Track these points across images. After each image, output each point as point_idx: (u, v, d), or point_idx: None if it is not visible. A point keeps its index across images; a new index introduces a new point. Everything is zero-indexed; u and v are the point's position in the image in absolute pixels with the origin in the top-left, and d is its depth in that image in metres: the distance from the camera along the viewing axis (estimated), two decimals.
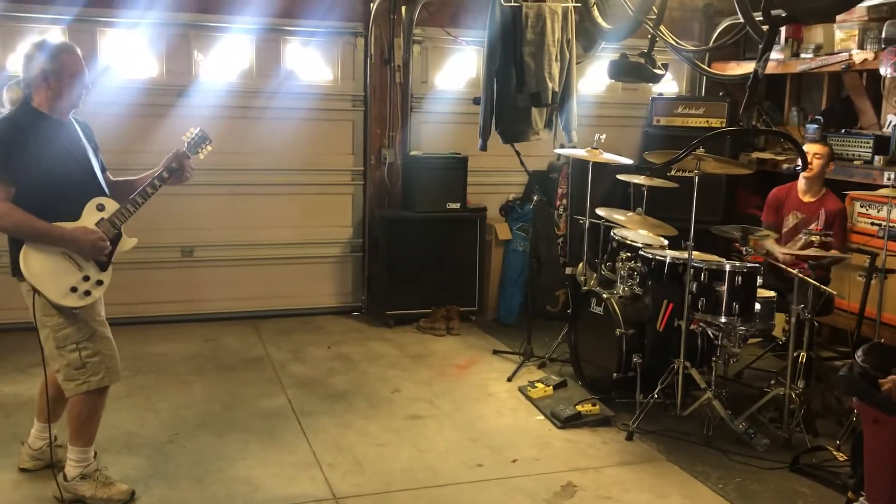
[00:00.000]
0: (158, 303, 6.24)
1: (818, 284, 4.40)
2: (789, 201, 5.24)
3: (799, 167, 4.58)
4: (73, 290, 3.30)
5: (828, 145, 5.25)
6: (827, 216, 5.05)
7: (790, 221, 5.19)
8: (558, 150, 5.71)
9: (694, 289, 4.45)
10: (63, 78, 3.29)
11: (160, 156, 3.68)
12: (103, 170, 3.60)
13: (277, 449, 4.17)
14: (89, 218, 3.36)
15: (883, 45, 5.42)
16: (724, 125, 6.37)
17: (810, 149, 5.12)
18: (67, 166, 3.34)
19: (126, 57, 5.90)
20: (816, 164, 5.08)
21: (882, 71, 5.36)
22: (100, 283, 3.40)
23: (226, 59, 6.13)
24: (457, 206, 6.44)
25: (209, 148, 3.69)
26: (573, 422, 4.54)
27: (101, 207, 3.40)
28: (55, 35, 5.60)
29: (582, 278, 5.52)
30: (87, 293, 3.34)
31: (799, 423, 4.33)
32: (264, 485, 3.79)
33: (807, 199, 5.17)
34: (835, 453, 4.16)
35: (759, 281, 4.53)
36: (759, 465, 4.11)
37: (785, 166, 6.25)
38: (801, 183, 5.20)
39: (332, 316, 6.63)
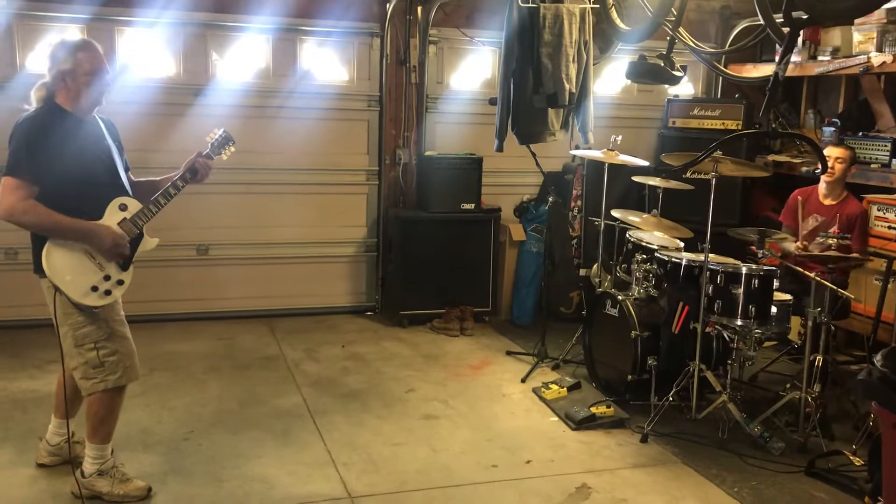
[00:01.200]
0: (174, 301, 6.28)
1: (835, 288, 4.38)
2: (809, 204, 5.21)
3: (819, 171, 4.55)
4: (94, 289, 3.33)
5: (850, 148, 5.21)
6: (847, 219, 5.02)
7: (809, 224, 5.16)
8: (574, 152, 5.71)
9: (710, 291, 4.44)
10: (79, 77, 3.30)
11: (177, 154, 3.71)
12: (126, 169, 3.62)
13: (292, 447, 4.19)
14: (112, 217, 3.38)
15: None
16: (740, 127, 6.35)
17: (831, 153, 5.09)
18: (91, 165, 3.36)
19: (144, 56, 5.94)
20: (838, 168, 5.06)
21: None
22: (120, 282, 3.42)
23: (242, 58, 6.16)
24: (471, 206, 6.45)
25: (232, 149, 3.71)
26: (587, 423, 4.53)
27: (123, 207, 3.41)
28: (74, 33, 5.65)
29: (596, 280, 5.51)
30: (108, 293, 3.36)
31: (815, 426, 4.31)
32: (279, 483, 3.81)
33: (827, 202, 5.15)
34: (851, 458, 4.14)
35: (776, 284, 4.51)
36: (775, 469, 4.10)
37: (804, 169, 6.22)
38: (821, 186, 5.18)
39: (347, 315, 6.65)
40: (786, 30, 3.26)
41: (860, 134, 5.90)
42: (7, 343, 5.58)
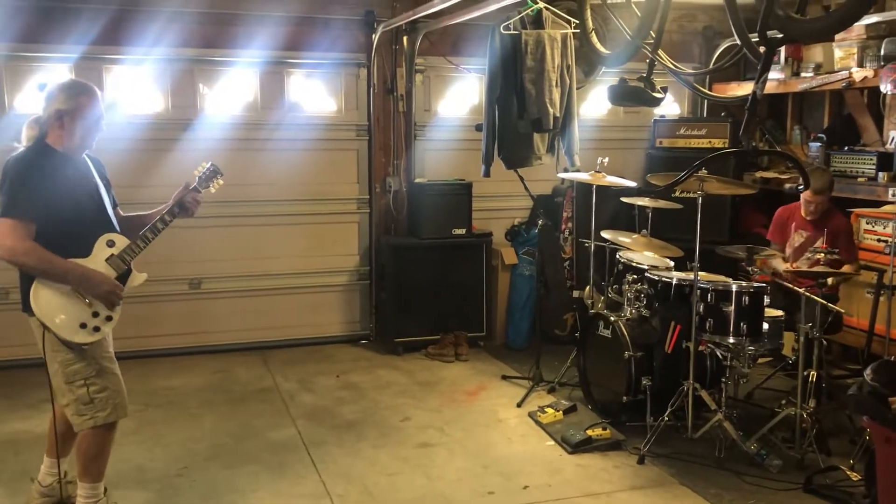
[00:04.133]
0: (167, 335, 6.27)
1: (825, 303, 4.39)
2: (795, 220, 5.23)
3: (801, 187, 4.58)
4: (83, 326, 3.32)
5: (823, 176, 5.06)
6: (833, 233, 5.04)
7: (796, 240, 5.18)
8: (562, 175, 5.74)
9: (701, 310, 4.45)
10: (77, 119, 3.33)
11: (167, 189, 3.72)
12: (114, 205, 3.63)
13: (288, 480, 4.16)
14: (100, 254, 3.38)
15: (882, 63, 5.44)
16: (726, 145, 6.40)
17: (806, 197, 5.05)
18: (79, 203, 3.36)
19: (132, 93, 5.98)
20: (818, 207, 5.03)
21: (882, 88, 5.38)
22: (109, 318, 3.41)
23: (230, 92, 6.21)
24: (462, 231, 6.47)
25: (220, 181, 3.72)
26: (584, 446, 4.52)
27: (111, 243, 3.42)
28: (63, 73, 5.68)
29: (589, 301, 5.52)
30: (97, 329, 3.36)
31: (811, 442, 4.30)
32: None
33: (811, 217, 5.17)
34: (848, 473, 4.12)
35: (767, 300, 4.52)
36: (773, 487, 4.08)
37: (787, 186, 6.26)
38: (804, 202, 5.20)
39: (341, 344, 6.64)
40: (762, 49, 3.30)
41: (846, 148, 5.93)
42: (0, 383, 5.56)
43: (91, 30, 5.64)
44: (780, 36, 3.12)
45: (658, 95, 4.44)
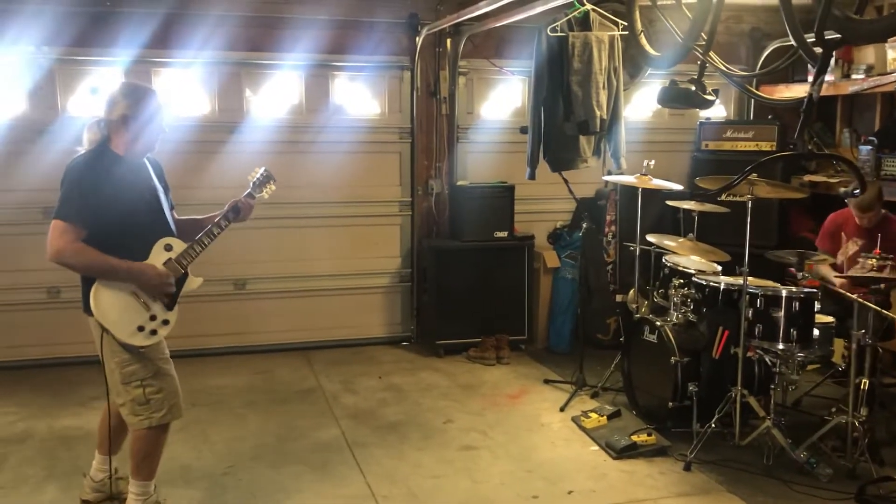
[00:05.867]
0: (212, 335, 6.34)
1: (879, 309, 4.29)
2: (847, 228, 5.12)
3: (857, 190, 4.49)
4: (140, 329, 3.36)
5: (871, 195, 4.91)
6: (889, 239, 4.92)
7: (850, 249, 5.07)
8: (607, 177, 5.69)
9: (750, 315, 4.38)
10: (141, 123, 3.37)
11: (213, 191, 3.77)
12: (171, 208, 3.67)
13: (332, 481, 4.19)
14: (158, 258, 3.41)
15: None
16: (773, 148, 6.30)
17: (859, 215, 4.98)
18: (138, 208, 3.40)
19: (180, 95, 6.06)
20: (871, 222, 4.95)
21: None
22: (166, 322, 3.45)
23: (276, 95, 6.27)
24: (504, 234, 6.45)
25: (273, 187, 3.77)
26: (629, 452, 4.47)
27: (168, 247, 3.45)
28: (114, 76, 5.79)
29: (633, 306, 5.47)
30: (154, 332, 3.40)
31: (863, 452, 4.20)
32: None
33: (864, 223, 5.05)
34: None
35: (817, 306, 4.43)
36: (823, 497, 4.00)
37: (841, 190, 6.12)
38: (856, 216, 5.07)
39: (383, 346, 6.67)
40: (818, 50, 3.24)
41: None
42: (50, 381, 5.67)
43: (140, 34, 5.73)
44: (838, 37, 3.05)
45: (710, 98, 4.39)
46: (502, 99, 6.73)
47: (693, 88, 4.40)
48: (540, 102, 5.09)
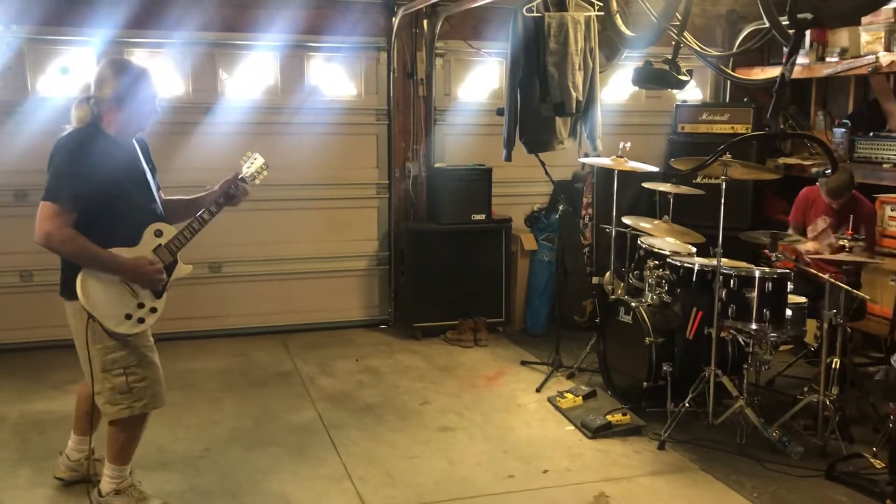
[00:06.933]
0: (188, 318, 6.27)
1: (850, 289, 4.35)
2: (818, 204, 5.17)
3: (829, 171, 4.53)
4: (128, 317, 3.31)
5: (841, 181, 4.93)
6: (857, 219, 4.97)
7: (819, 225, 5.13)
8: (583, 160, 5.70)
9: (723, 296, 4.42)
10: (136, 102, 3.29)
11: (188, 173, 3.73)
12: (158, 189, 3.59)
13: (308, 463, 4.19)
14: (147, 244, 3.35)
15: None
16: (749, 130, 6.33)
17: (829, 202, 5.04)
18: (127, 190, 3.31)
19: (153, 76, 5.96)
20: (840, 205, 5.00)
21: None
22: (154, 310, 3.41)
23: (251, 76, 6.21)
24: (482, 217, 6.45)
25: (265, 173, 3.73)
26: (604, 432, 4.51)
27: (159, 233, 3.39)
28: (85, 56, 5.70)
29: (609, 287, 5.50)
30: (141, 320, 3.35)
31: (834, 430, 4.27)
32: (297, 499, 3.80)
33: (835, 206, 5.10)
34: (872, 460, 4.09)
35: (790, 287, 4.48)
36: (795, 474, 4.06)
37: (813, 170, 6.19)
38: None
39: (360, 329, 6.66)
40: (791, 31, 3.25)
41: (871, 134, 5.86)
42: (23, 365, 5.61)
43: (113, 13, 5.61)
44: (811, 17, 3.07)
45: (684, 78, 4.41)
46: (479, 80, 6.71)
47: (667, 69, 4.42)
48: (516, 84, 5.08)
